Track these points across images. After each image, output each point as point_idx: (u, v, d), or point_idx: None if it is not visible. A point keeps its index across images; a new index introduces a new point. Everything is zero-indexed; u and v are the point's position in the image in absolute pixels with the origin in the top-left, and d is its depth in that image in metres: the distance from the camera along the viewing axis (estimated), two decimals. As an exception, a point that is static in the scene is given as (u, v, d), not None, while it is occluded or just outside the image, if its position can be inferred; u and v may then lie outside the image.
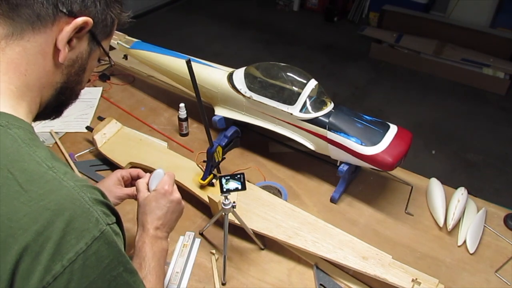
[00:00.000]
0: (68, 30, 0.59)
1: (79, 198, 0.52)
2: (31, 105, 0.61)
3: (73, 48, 0.62)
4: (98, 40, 0.65)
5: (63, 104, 0.68)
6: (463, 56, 3.62)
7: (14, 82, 0.58)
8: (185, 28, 4.46)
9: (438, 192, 1.23)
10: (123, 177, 1.01)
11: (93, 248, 0.51)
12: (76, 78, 0.66)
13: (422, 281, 0.93)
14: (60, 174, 0.52)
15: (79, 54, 0.64)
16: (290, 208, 1.12)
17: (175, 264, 1.04)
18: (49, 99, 0.64)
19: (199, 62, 1.39)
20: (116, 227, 0.56)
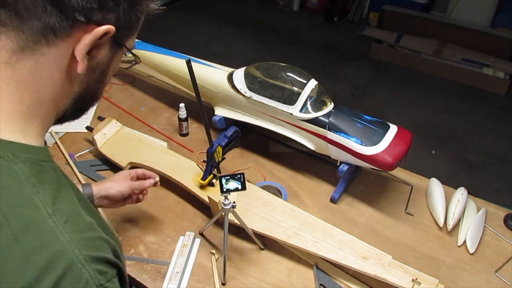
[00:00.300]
0: (87, 42, 0.52)
1: (72, 257, 0.47)
2: (44, 122, 0.56)
3: (93, 57, 0.56)
4: (121, 42, 0.59)
5: (81, 110, 0.63)
6: (463, 56, 3.62)
7: (26, 101, 0.52)
8: (185, 28, 4.46)
9: (438, 192, 1.23)
10: (130, 175, 1.06)
11: None
12: (97, 84, 0.60)
13: (422, 281, 0.93)
14: (59, 224, 0.48)
15: (99, 60, 0.57)
16: (290, 208, 1.12)
17: (175, 264, 1.04)
18: (65, 108, 0.59)
19: (199, 62, 1.39)
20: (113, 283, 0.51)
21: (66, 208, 0.50)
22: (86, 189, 0.99)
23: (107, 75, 0.61)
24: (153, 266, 1.05)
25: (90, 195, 0.99)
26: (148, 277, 1.03)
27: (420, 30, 3.87)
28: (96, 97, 0.63)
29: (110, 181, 1.04)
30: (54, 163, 0.56)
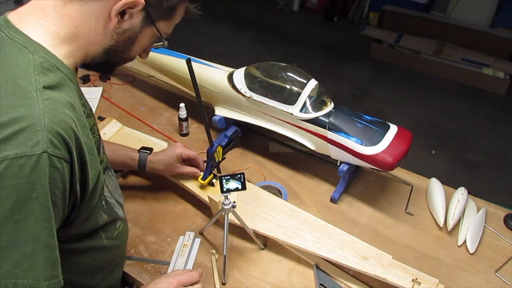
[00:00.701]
0: (121, 4, 0.66)
1: (37, 120, 0.57)
2: (75, 53, 0.69)
3: (124, 20, 0.69)
4: (152, 19, 0.72)
5: (110, 64, 0.77)
6: (463, 56, 3.62)
7: (64, 29, 0.66)
8: (185, 28, 4.46)
9: (438, 192, 1.23)
10: (183, 156, 1.15)
11: (20, 161, 0.56)
12: (124, 46, 0.73)
13: (422, 281, 0.93)
14: (40, 97, 0.59)
15: (131, 26, 0.71)
16: (290, 208, 1.12)
17: (175, 264, 1.04)
18: (95, 55, 0.72)
19: (199, 62, 1.39)
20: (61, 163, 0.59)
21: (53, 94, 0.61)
22: (143, 155, 1.14)
23: (135, 44, 0.75)
24: (153, 266, 1.05)
25: (144, 161, 1.14)
26: (148, 277, 1.03)
27: (420, 30, 3.86)
28: (122, 57, 0.77)
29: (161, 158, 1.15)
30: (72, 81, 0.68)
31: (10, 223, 0.56)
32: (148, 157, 1.15)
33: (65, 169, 0.61)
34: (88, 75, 1.75)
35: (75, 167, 0.63)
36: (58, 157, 0.59)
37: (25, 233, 0.58)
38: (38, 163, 0.57)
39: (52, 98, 0.61)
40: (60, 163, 0.59)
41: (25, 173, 0.56)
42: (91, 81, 1.74)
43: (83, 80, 1.73)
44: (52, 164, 0.58)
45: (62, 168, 0.60)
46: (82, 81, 1.73)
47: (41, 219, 0.59)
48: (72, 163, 0.62)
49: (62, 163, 0.60)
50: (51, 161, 0.58)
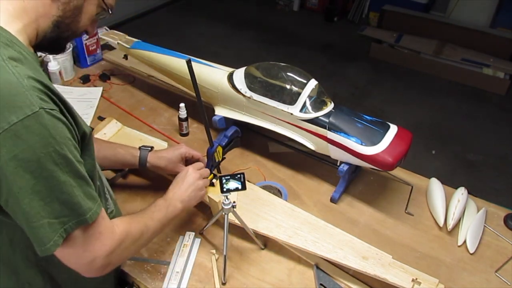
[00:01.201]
0: None
1: (17, 83, 0.60)
2: (27, 29, 0.70)
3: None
4: None
5: (61, 38, 0.76)
6: (463, 56, 3.62)
7: (12, 4, 0.68)
8: (185, 28, 4.46)
9: (438, 192, 1.23)
10: (185, 156, 1.15)
11: (25, 123, 0.59)
12: (72, 16, 0.74)
13: (422, 281, 0.93)
14: (9, 65, 0.61)
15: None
16: (290, 208, 1.12)
17: (175, 264, 1.04)
18: (45, 29, 0.73)
19: (199, 62, 1.39)
20: (58, 113, 0.63)
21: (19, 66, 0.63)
22: (144, 152, 1.14)
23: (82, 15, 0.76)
24: (153, 266, 1.05)
25: (144, 158, 1.14)
26: (148, 277, 1.03)
27: (420, 30, 3.87)
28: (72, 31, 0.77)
29: (164, 155, 1.15)
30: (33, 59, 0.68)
31: (42, 180, 0.62)
32: (150, 154, 1.15)
33: (62, 117, 0.65)
34: (88, 75, 1.75)
35: (66, 115, 0.67)
36: (52, 109, 0.63)
37: (57, 185, 0.64)
38: (40, 120, 0.60)
39: (20, 67, 0.63)
40: (56, 113, 0.63)
41: (35, 132, 0.60)
42: (91, 81, 1.74)
43: (83, 80, 1.73)
44: (52, 117, 0.62)
45: (60, 116, 0.64)
46: (82, 81, 1.73)
47: (66, 166, 0.64)
48: (62, 111, 0.66)
49: (57, 113, 0.64)
50: (49, 114, 0.62)
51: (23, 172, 0.60)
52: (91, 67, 1.84)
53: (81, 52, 1.80)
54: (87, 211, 0.68)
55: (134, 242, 0.82)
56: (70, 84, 1.73)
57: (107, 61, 1.89)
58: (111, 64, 1.87)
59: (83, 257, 0.72)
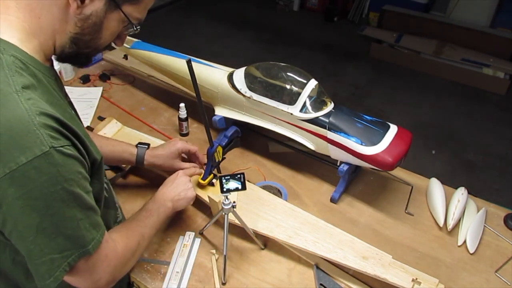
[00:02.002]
0: None
1: (28, 120, 0.59)
2: (43, 46, 0.69)
3: (86, 5, 0.67)
4: (117, 3, 0.70)
5: (80, 54, 0.74)
6: (463, 56, 3.62)
7: (28, 22, 0.66)
8: (185, 28, 4.46)
9: (438, 192, 1.23)
10: (182, 151, 1.16)
11: (34, 164, 0.58)
12: (91, 33, 0.71)
13: (422, 281, 0.93)
14: (22, 98, 0.60)
15: (94, 11, 0.68)
16: (290, 208, 1.12)
17: (175, 264, 1.04)
18: (63, 45, 0.71)
19: (199, 62, 1.39)
20: (69, 149, 0.63)
21: (32, 94, 0.61)
22: (141, 150, 1.15)
23: (102, 31, 0.72)
24: (153, 266, 1.05)
25: (142, 155, 1.15)
26: (148, 277, 1.03)
27: (420, 30, 3.87)
28: (91, 47, 0.74)
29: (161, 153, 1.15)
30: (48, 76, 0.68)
31: (48, 217, 0.62)
32: (147, 151, 1.15)
33: (74, 151, 0.64)
34: (88, 75, 1.75)
35: (79, 146, 0.66)
36: (62, 146, 0.62)
37: (62, 221, 0.64)
38: (50, 159, 0.60)
39: (33, 97, 0.61)
40: (67, 149, 0.63)
41: (43, 172, 0.59)
42: (91, 81, 1.74)
43: (83, 80, 1.73)
44: (63, 155, 0.61)
45: (72, 152, 0.64)
46: (82, 81, 1.73)
47: (74, 201, 0.64)
48: (74, 144, 0.65)
49: (68, 149, 0.63)
50: (60, 152, 0.61)
51: (30, 211, 0.61)
52: (91, 67, 1.84)
53: (81, 52, 1.79)
54: (89, 242, 0.68)
55: (133, 254, 0.84)
56: (70, 84, 1.73)
57: (107, 61, 1.89)
58: (111, 64, 1.87)
59: (88, 280, 0.72)
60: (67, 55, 0.73)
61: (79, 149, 0.67)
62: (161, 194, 1.01)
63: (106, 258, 0.73)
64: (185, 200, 1.04)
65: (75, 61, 0.78)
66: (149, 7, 0.76)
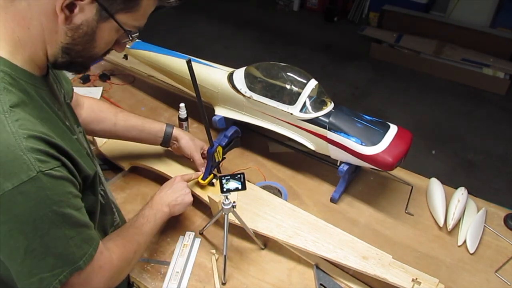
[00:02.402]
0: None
1: (15, 145, 0.57)
2: (35, 56, 0.67)
3: (75, 14, 0.64)
4: (109, 12, 0.66)
5: (74, 63, 0.71)
6: (463, 56, 3.62)
7: (18, 33, 0.64)
8: (185, 28, 4.46)
9: (438, 192, 1.23)
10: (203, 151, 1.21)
11: (20, 189, 0.57)
12: (82, 43, 0.68)
13: (422, 281, 0.93)
14: (10, 119, 0.58)
15: (84, 21, 0.66)
16: (290, 208, 1.12)
17: (175, 264, 1.04)
18: (55, 54, 0.68)
19: (199, 62, 1.39)
20: (59, 171, 0.62)
21: (21, 114, 0.60)
22: (169, 128, 1.19)
23: (96, 41, 0.69)
24: (153, 266, 1.05)
25: (169, 134, 1.19)
26: (148, 277, 1.03)
27: (420, 30, 3.86)
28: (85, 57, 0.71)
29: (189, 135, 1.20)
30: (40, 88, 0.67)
31: (37, 239, 0.61)
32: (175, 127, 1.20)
33: (64, 171, 0.63)
34: (88, 75, 1.75)
35: (69, 165, 0.65)
36: (51, 168, 0.60)
37: (52, 241, 0.62)
38: (38, 184, 0.58)
39: (21, 117, 0.60)
40: (56, 171, 0.61)
41: (31, 197, 0.58)
42: (91, 81, 1.74)
43: (83, 80, 1.73)
44: (51, 178, 0.60)
45: (61, 174, 0.62)
46: (82, 81, 1.73)
47: (63, 222, 0.63)
48: (65, 164, 0.64)
49: (58, 171, 0.62)
50: (48, 176, 0.60)
51: (17, 234, 0.59)
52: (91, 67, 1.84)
53: (81, 52, 1.79)
54: (81, 257, 0.67)
55: (129, 263, 0.83)
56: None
57: (107, 61, 1.88)
58: (111, 64, 1.87)
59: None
60: (61, 64, 0.71)
61: (69, 168, 0.65)
62: (159, 198, 1.01)
63: (101, 269, 0.72)
64: (182, 205, 1.04)
65: (71, 69, 0.76)
66: (149, 13, 0.73)
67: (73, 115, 0.84)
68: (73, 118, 0.83)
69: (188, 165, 1.24)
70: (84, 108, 1.10)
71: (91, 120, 1.11)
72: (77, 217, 0.66)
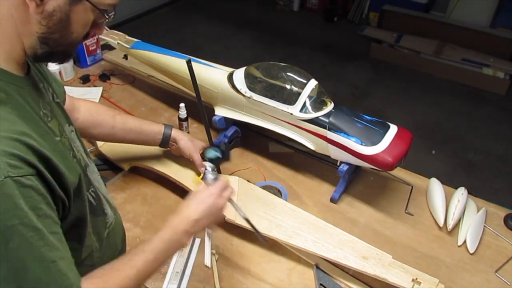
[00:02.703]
0: None
1: None
2: (12, 52, 0.64)
3: (45, 2, 0.61)
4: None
5: (54, 52, 0.68)
6: (463, 56, 3.62)
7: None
8: (185, 28, 4.46)
9: (438, 192, 1.23)
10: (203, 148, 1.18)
11: None
12: (59, 30, 0.65)
13: (422, 281, 0.93)
14: None
15: (57, 7, 0.62)
16: (290, 208, 1.12)
17: (175, 264, 1.04)
18: (33, 46, 0.65)
19: (199, 62, 1.39)
20: (30, 179, 0.57)
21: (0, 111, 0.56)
22: (167, 130, 1.17)
23: (71, 26, 0.66)
24: (153, 266, 1.05)
25: (168, 135, 1.17)
26: (148, 277, 1.03)
27: (420, 30, 3.86)
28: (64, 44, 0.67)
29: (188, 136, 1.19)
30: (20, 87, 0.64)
31: (9, 253, 0.54)
32: (173, 129, 1.19)
33: (36, 182, 0.58)
34: (88, 75, 1.75)
35: (46, 175, 0.60)
36: (22, 175, 0.56)
37: (27, 258, 0.56)
38: (5, 191, 0.54)
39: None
40: (28, 180, 0.56)
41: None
42: (91, 81, 1.75)
43: (83, 80, 1.73)
44: (20, 185, 0.55)
45: (32, 183, 0.57)
46: (82, 81, 1.73)
47: (36, 239, 0.57)
48: (40, 174, 0.59)
49: (29, 179, 0.57)
50: (17, 182, 0.55)
51: None
52: (91, 67, 1.84)
53: (81, 52, 1.80)
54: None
55: None
56: (70, 84, 1.73)
57: (107, 61, 1.89)
58: (111, 64, 1.87)
59: None
60: (41, 56, 0.67)
61: (45, 178, 0.60)
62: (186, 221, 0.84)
63: None
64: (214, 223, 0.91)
65: (53, 59, 0.72)
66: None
67: (64, 113, 0.81)
68: (63, 116, 0.80)
69: (188, 165, 1.24)
70: (81, 112, 1.07)
71: (88, 124, 1.08)
72: (52, 241, 0.59)
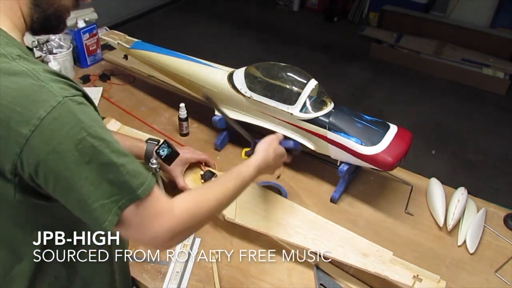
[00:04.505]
0: None
1: (35, 78, 0.60)
2: (14, 19, 0.69)
3: None
4: None
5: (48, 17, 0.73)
6: (463, 56, 3.62)
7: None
8: (185, 28, 4.46)
9: (438, 192, 1.23)
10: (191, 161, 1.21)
11: (54, 114, 0.59)
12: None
13: (424, 277, 0.93)
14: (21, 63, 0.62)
15: None
16: (290, 205, 1.12)
17: (175, 264, 1.04)
18: (29, 13, 0.71)
19: (199, 62, 1.39)
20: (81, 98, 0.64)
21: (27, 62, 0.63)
22: (150, 147, 1.14)
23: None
24: (153, 266, 1.05)
25: (150, 152, 1.13)
26: (148, 277, 1.03)
27: (420, 30, 3.87)
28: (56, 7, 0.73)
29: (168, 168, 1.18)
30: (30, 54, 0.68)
31: (86, 167, 0.61)
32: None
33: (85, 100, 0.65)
34: (88, 75, 1.75)
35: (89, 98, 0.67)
36: (75, 95, 0.63)
37: (101, 167, 0.63)
38: (67, 109, 0.60)
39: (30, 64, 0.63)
40: (79, 98, 0.63)
41: (65, 121, 0.60)
42: (91, 81, 1.74)
43: (83, 80, 1.73)
44: (76, 103, 0.62)
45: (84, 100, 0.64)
46: (82, 81, 1.73)
47: (105, 147, 0.63)
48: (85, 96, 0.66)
49: (80, 98, 0.64)
50: (73, 101, 0.62)
51: (66, 163, 0.61)
52: (91, 67, 1.84)
53: (81, 52, 1.80)
54: (138, 187, 0.65)
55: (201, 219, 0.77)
56: (70, 84, 1.73)
57: (107, 61, 1.89)
58: (111, 64, 1.87)
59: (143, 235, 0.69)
60: (38, 23, 0.73)
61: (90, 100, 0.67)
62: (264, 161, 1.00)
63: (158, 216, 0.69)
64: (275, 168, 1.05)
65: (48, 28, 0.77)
66: None
67: None
68: None
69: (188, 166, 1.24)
70: None
71: None
72: (117, 146, 0.65)
